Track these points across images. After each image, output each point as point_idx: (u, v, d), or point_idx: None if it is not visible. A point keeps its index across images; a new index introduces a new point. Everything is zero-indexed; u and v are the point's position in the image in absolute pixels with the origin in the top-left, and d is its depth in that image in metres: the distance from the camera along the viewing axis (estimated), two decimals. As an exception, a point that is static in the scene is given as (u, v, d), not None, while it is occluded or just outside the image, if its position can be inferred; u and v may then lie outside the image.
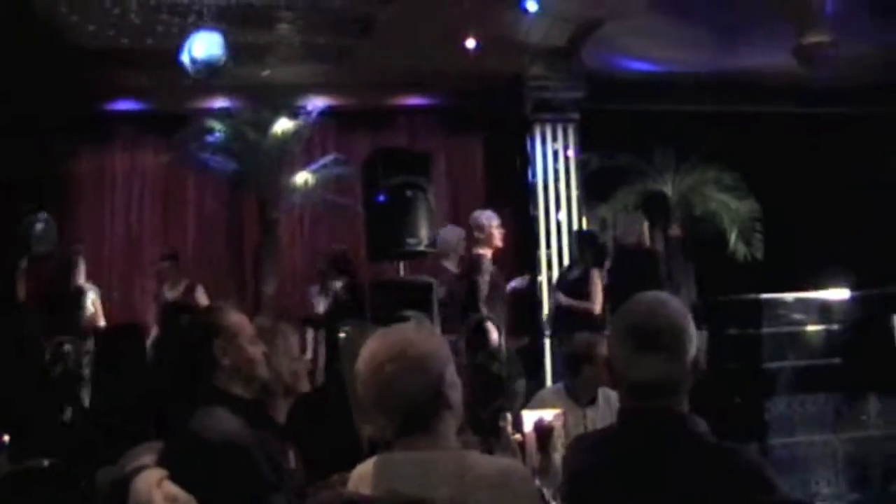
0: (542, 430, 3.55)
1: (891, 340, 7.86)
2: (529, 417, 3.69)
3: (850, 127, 10.19)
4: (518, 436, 3.64)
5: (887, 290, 8.16)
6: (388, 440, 2.40)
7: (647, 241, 8.49)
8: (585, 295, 7.81)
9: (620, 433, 2.37)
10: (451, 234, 7.43)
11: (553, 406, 4.11)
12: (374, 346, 2.38)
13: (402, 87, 9.89)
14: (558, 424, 3.65)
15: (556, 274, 9.31)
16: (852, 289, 8.52)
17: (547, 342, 8.96)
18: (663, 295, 2.50)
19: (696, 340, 2.39)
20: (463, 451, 2.41)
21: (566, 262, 9.37)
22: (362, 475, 2.38)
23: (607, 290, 7.83)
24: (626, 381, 2.37)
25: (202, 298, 8.26)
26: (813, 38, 8.51)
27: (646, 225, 8.45)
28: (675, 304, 2.40)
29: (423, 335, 2.43)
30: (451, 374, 2.40)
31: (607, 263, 8.20)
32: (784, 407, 8.43)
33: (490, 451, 3.63)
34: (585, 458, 2.41)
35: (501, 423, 3.73)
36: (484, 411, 4.86)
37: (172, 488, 2.52)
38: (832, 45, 8.50)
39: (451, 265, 7.33)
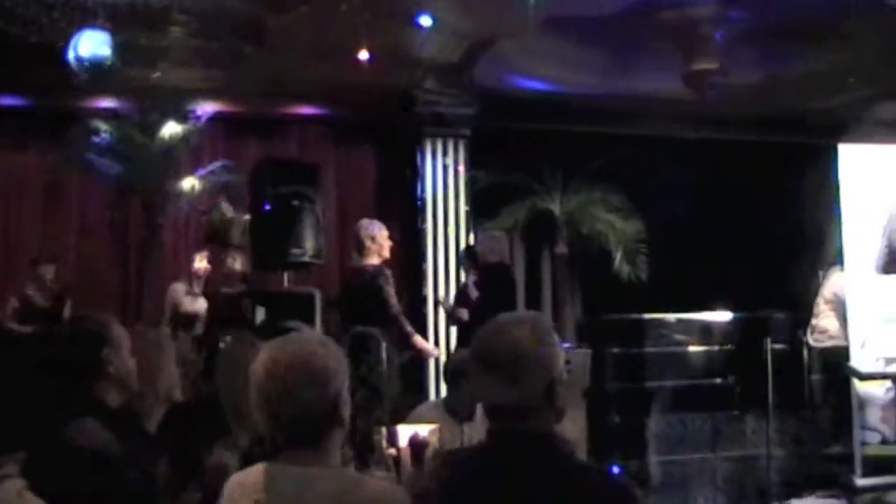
0: (417, 445, 3.53)
1: (765, 362, 8.03)
2: (405, 432, 3.67)
3: (736, 153, 10.40)
4: (393, 450, 3.61)
5: (763, 314, 8.33)
6: (269, 451, 2.35)
7: (507, 260, 8.56)
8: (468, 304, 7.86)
9: (487, 452, 2.37)
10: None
11: (431, 421, 4.10)
12: (276, 353, 2.31)
13: (294, 97, 9.78)
14: (433, 439, 3.64)
15: (442, 289, 9.35)
16: (732, 311, 8.70)
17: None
18: (521, 316, 2.51)
19: (554, 363, 2.36)
20: (345, 470, 2.41)
21: (452, 277, 9.41)
22: (245, 484, 2.32)
23: (472, 308, 7.87)
24: (481, 402, 2.41)
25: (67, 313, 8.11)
26: (701, 65, 8.67)
27: (505, 242, 8.53)
28: (529, 327, 2.38)
29: (328, 349, 2.37)
30: (346, 390, 2.38)
31: (473, 278, 8.23)
32: (665, 426, 8.55)
33: (365, 465, 3.60)
34: (453, 474, 2.40)
35: (376, 438, 3.70)
36: (361, 425, 4.83)
37: (33, 500, 2.45)
38: (720, 72, 8.68)
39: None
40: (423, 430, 3.66)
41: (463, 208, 9.70)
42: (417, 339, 7.13)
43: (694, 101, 9.43)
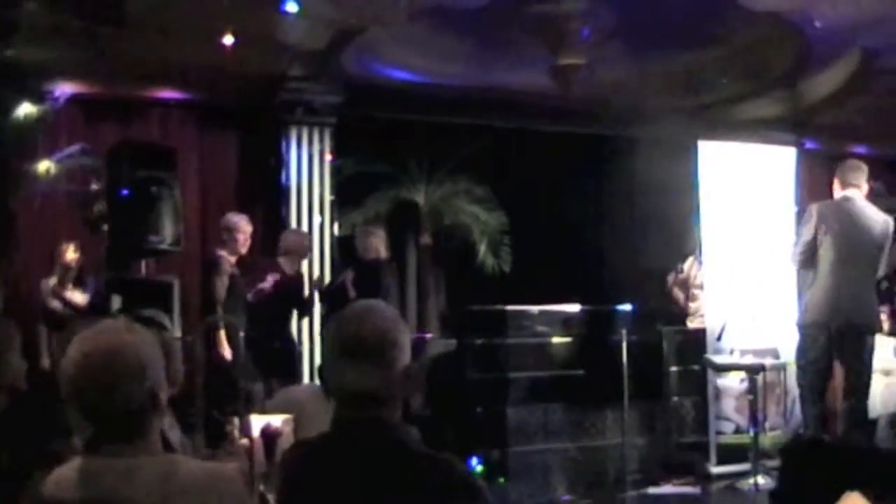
0: (269, 436, 3.47)
1: (621, 355, 8.17)
2: (258, 422, 3.60)
3: (599, 147, 10.53)
4: (245, 440, 3.54)
5: (619, 306, 8.47)
6: (88, 444, 2.27)
7: (385, 253, 8.53)
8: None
9: (333, 442, 2.36)
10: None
11: (303, 405, 4.05)
12: (86, 346, 2.22)
13: (156, 79, 9.50)
14: (287, 430, 3.58)
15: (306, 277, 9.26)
16: (589, 304, 8.83)
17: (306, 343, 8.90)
18: (374, 304, 2.49)
19: (407, 350, 2.38)
20: (167, 455, 2.33)
21: (317, 266, 9.32)
22: (61, 479, 2.23)
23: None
24: (336, 390, 2.37)
25: None
26: (568, 60, 8.76)
27: (382, 237, 8.49)
28: (386, 313, 2.40)
29: (139, 337, 2.29)
30: (163, 377, 2.30)
31: (350, 274, 8.19)
32: (526, 416, 8.63)
33: (217, 456, 3.53)
34: (299, 465, 2.38)
35: (229, 428, 3.63)
36: (216, 415, 4.74)
37: None
38: (587, 67, 8.78)
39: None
40: (277, 419, 3.60)
41: (328, 197, 9.59)
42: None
43: (560, 96, 9.52)
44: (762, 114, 10.54)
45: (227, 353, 6.96)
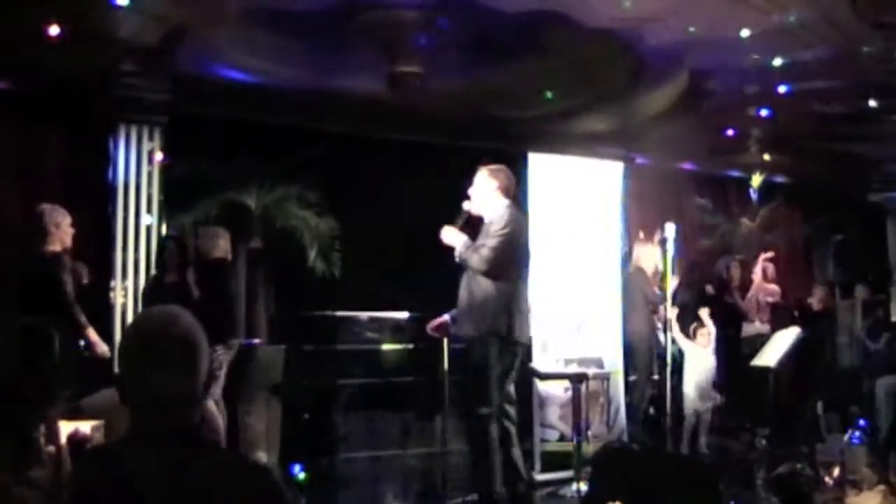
0: (76, 442, 3.38)
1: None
2: (66, 428, 3.51)
3: (432, 155, 10.56)
4: (52, 448, 3.44)
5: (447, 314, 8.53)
6: None
7: (229, 256, 8.42)
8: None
9: (133, 447, 2.29)
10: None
11: (115, 410, 3.94)
12: None
13: (-25, 69, 9.13)
14: (98, 436, 3.51)
15: (132, 280, 9.04)
16: (419, 311, 8.85)
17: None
18: (176, 308, 2.45)
19: (206, 355, 2.36)
20: None
21: (143, 267, 9.10)
22: None
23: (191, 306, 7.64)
24: (137, 395, 2.30)
25: None
26: (405, 68, 8.77)
27: (227, 238, 8.38)
28: (189, 317, 2.39)
29: None
30: None
31: (192, 276, 8.03)
32: (356, 423, 8.61)
33: (22, 465, 3.41)
34: (94, 473, 2.30)
35: (35, 434, 3.52)
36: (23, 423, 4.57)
37: None
38: (422, 75, 8.81)
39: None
40: (87, 425, 3.51)
41: (157, 197, 9.37)
42: (90, 332, 6.84)
43: (396, 103, 9.54)
44: (593, 128, 10.76)
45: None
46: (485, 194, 7.05)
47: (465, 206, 7.02)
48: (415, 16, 8.37)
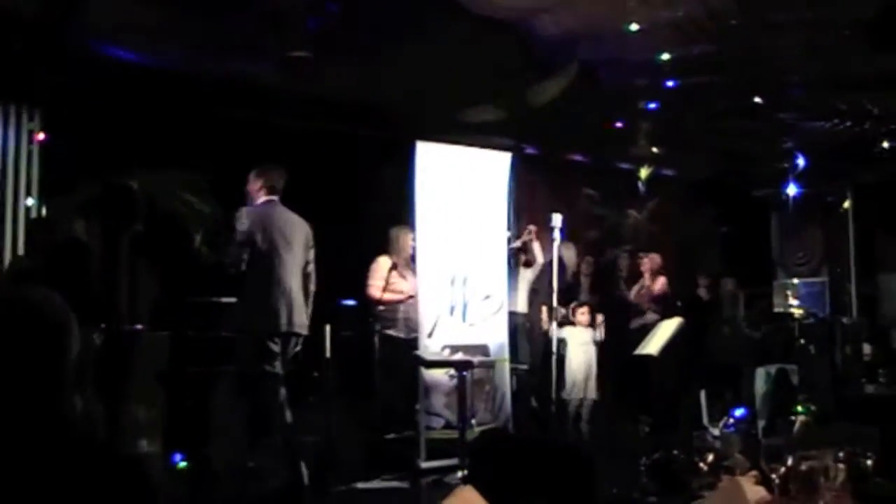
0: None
1: (335, 349, 8.21)
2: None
3: (324, 142, 10.46)
4: None
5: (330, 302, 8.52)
6: None
7: (86, 237, 8.26)
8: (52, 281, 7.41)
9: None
10: None
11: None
12: None
13: None
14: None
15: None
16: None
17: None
18: (47, 290, 2.34)
19: (76, 340, 2.27)
20: None
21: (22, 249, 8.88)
22: None
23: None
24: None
25: None
26: (294, 52, 8.69)
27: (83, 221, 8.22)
28: (54, 300, 2.29)
29: None
30: None
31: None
32: (241, 410, 8.49)
33: None
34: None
35: None
36: None
37: None
38: (312, 60, 8.73)
39: None
40: None
41: (36, 178, 9.14)
42: None
43: (285, 87, 9.44)
44: (483, 118, 10.79)
45: None
46: (250, 192, 7.69)
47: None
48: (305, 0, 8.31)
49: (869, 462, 4.68)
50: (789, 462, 4.45)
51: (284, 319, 7.30)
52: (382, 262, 9.25)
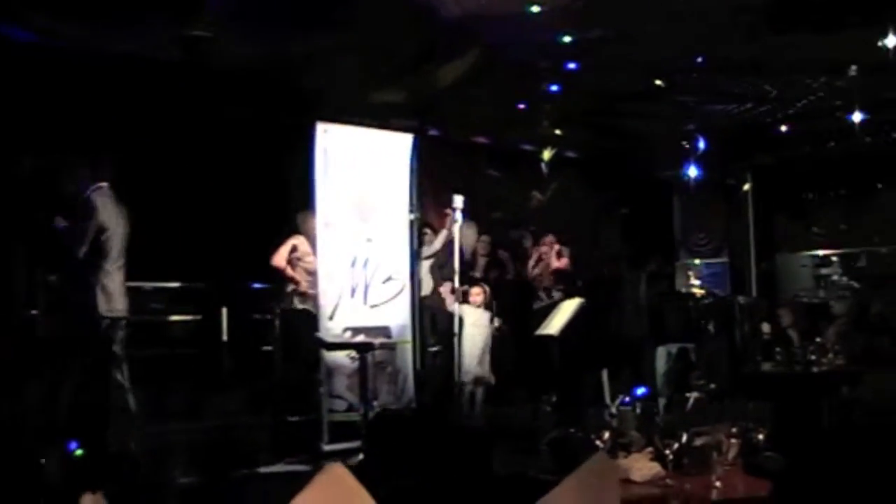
0: None
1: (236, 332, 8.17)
2: None
3: (224, 124, 10.30)
4: None
5: (231, 283, 8.46)
6: None
7: None
8: None
9: None
10: None
11: None
12: None
13: None
14: None
15: None
16: (204, 281, 8.73)
17: None
18: None
19: None
20: None
21: None
22: None
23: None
24: None
25: None
26: (194, 31, 8.59)
27: None
28: None
29: None
30: None
31: None
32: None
33: None
34: None
35: None
36: None
37: None
38: (214, 39, 8.63)
39: None
40: None
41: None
42: None
43: (186, 67, 9.31)
44: (385, 99, 10.75)
45: None
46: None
47: None
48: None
49: (760, 437, 4.80)
50: (684, 438, 4.55)
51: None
52: (293, 239, 9.27)
